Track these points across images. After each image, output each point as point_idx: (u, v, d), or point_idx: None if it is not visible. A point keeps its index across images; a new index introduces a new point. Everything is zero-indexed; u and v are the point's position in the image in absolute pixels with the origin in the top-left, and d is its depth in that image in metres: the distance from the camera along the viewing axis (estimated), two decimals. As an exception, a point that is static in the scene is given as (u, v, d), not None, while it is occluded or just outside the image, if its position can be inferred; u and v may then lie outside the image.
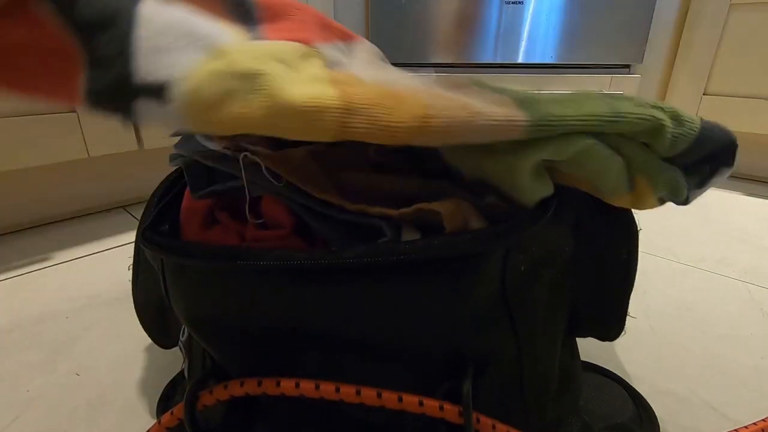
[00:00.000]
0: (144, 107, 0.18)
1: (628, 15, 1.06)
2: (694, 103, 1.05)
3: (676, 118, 0.21)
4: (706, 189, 0.24)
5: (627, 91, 1.11)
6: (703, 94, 1.03)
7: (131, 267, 0.34)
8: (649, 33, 1.07)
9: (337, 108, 0.17)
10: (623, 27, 1.07)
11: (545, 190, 0.22)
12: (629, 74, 1.12)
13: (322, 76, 0.20)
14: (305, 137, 0.18)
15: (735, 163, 0.23)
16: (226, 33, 0.21)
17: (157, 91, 0.18)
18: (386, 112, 0.17)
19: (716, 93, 1.02)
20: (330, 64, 0.23)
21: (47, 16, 0.18)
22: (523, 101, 0.20)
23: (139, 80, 0.18)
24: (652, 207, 0.24)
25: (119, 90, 0.18)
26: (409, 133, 0.17)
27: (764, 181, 1.02)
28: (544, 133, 0.19)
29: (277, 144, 0.23)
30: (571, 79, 1.12)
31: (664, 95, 1.13)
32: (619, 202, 0.24)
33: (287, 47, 0.21)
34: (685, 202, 0.24)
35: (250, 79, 0.18)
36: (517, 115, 0.19)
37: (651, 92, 1.14)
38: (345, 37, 0.28)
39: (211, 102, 0.18)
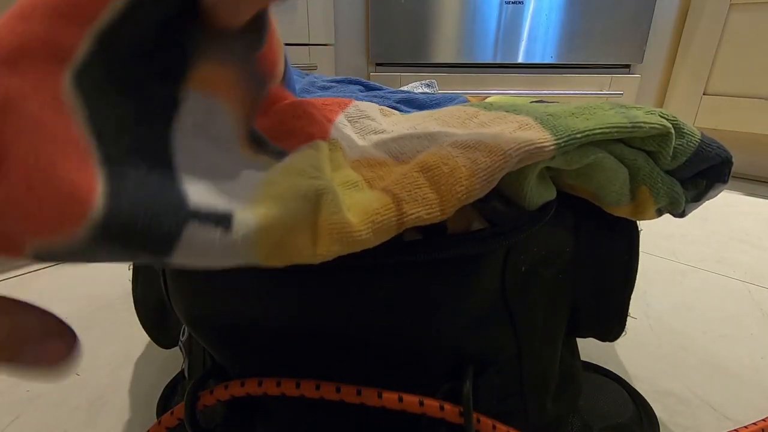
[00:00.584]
0: (198, 234, 0.14)
1: (628, 15, 1.06)
2: (694, 103, 1.05)
3: (678, 128, 0.21)
4: (702, 203, 0.25)
5: (627, 90, 1.11)
6: (703, 94, 1.03)
7: (131, 267, 0.34)
8: (649, 33, 1.07)
9: (394, 215, 0.16)
10: (623, 27, 1.07)
11: (548, 195, 0.22)
12: (629, 74, 1.12)
13: (355, 179, 0.19)
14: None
15: (728, 180, 0.24)
16: (258, 165, 0.18)
17: (217, 220, 0.14)
18: (430, 200, 0.17)
19: (716, 93, 1.02)
20: (349, 149, 0.22)
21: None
22: (543, 120, 0.20)
23: (192, 205, 0.14)
24: (650, 218, 0.24)
25: (166, 211, 0.14)
26: (457, 206, 0.17)
27: (764, 181, 1.02)
28: (570, 148, 0.19)
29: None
30: (571, 79, 1.12)
31: (664, 95, 1.13)
32: (619, 212, 0.24)
33: (317, 151, 0.20)
34: (681, 214, 0.25)
35: (312, 200, 0.16)
36: (545, 138, 0.19)
37: (651, 92, 1.14)
38: (342, 106, 0.27)
39: (285, 230, 0.15)
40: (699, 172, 0.23)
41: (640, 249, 0.25)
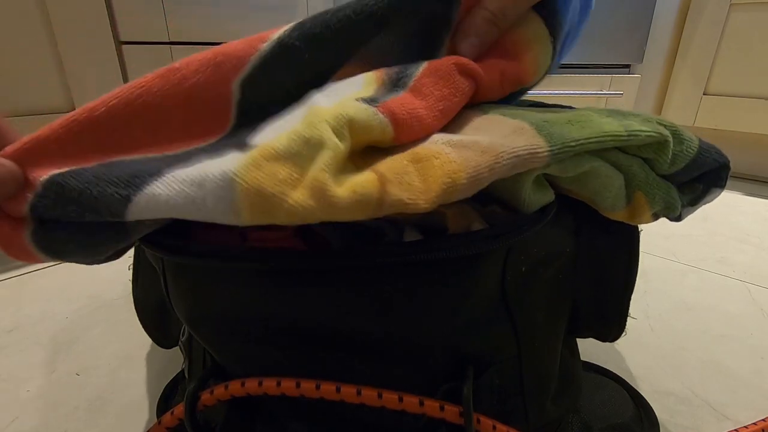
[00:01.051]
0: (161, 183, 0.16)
1: (628, 15, 1.06)
2: (694, 103, 1.05)
3: (676, 135, 0.21)
4: (698, 207, 0.25)
5: (627, 90, 1.11)
6: (703, 94, 1.03)
7: (131, 267, 0.34)
8: (649, 33, 1.07)
9: (376, 192, 0.17)
10: (623, 27, 1.07)
11: (546, 198, 0.22)
12: (629, 74, 1.12)
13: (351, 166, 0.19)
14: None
15: (725, 184, 0.24)
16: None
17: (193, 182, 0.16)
18: (415, 187, 0.17)
19: (716, 93, 1.02)
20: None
21: None
22: (539, 126, 0.20)
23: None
24: (646, 222, 0.24)
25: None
26: (441, 198, 0.17)
27: (764, 181, 1.02)
28: (564, 157, 0.19)
29: None
30: (571, 79, 1.12)
31: (664, 95, 1.13)
32: (615, 216, 0.24)
33: (358, 90, 0.21)
34: (678, 218, 0.25)
35: (313, 147, 0.16)
36: (538, 145, 0.19)
37: (651, 92, 1.14)
38: None
39: (274, 158, 0.16)
40: (697, 176, 0.23)
41: (640, 249, 0.25)
